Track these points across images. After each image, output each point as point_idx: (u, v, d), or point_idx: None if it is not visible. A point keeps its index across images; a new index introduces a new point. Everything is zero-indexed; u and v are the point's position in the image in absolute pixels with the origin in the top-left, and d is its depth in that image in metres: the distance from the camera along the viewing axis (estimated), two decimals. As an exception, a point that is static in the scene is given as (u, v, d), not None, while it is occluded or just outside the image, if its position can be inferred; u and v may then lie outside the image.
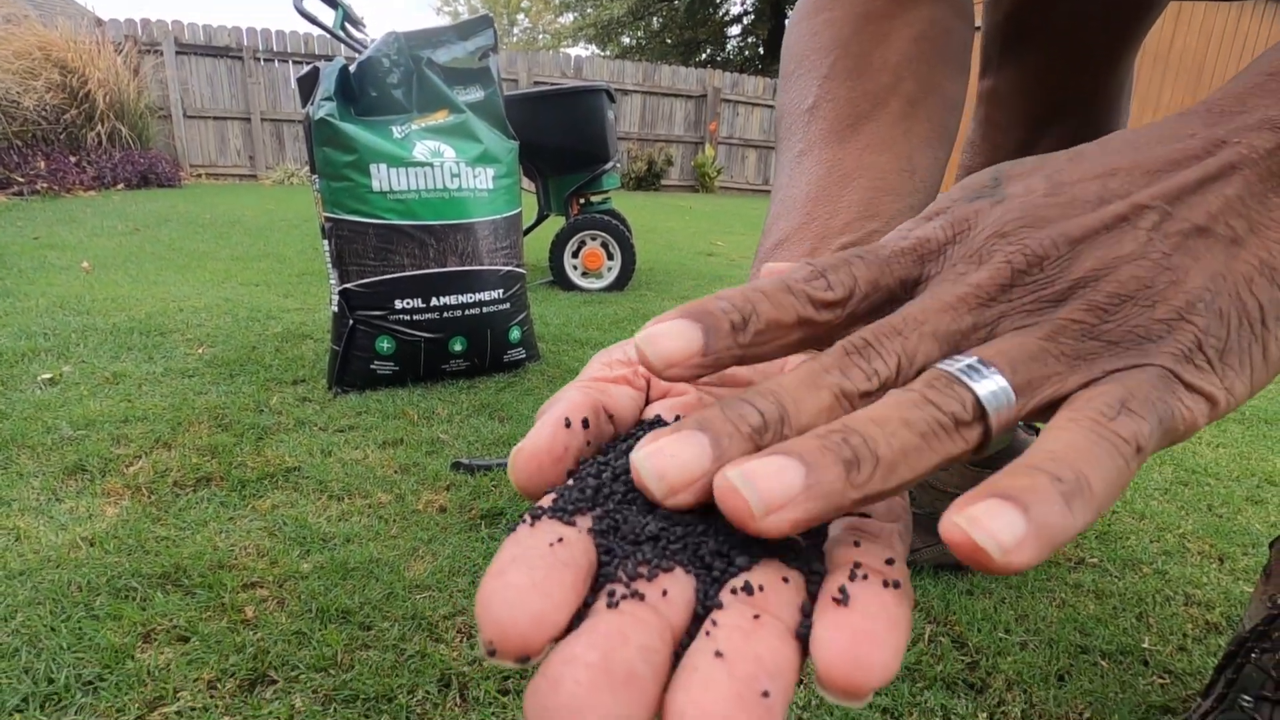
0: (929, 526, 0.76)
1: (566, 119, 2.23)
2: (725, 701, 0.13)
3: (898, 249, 0.22)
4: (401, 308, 1.23)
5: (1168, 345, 0.19)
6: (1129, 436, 0.17)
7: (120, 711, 0.52)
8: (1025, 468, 0.16)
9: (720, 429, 0.18)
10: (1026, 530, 0.15)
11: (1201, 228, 0.20)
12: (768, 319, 0.20)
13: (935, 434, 0.17)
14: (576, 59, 8.15)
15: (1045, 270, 0.20)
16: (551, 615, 0.14)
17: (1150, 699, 0.60)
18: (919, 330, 0.20)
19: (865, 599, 0.16)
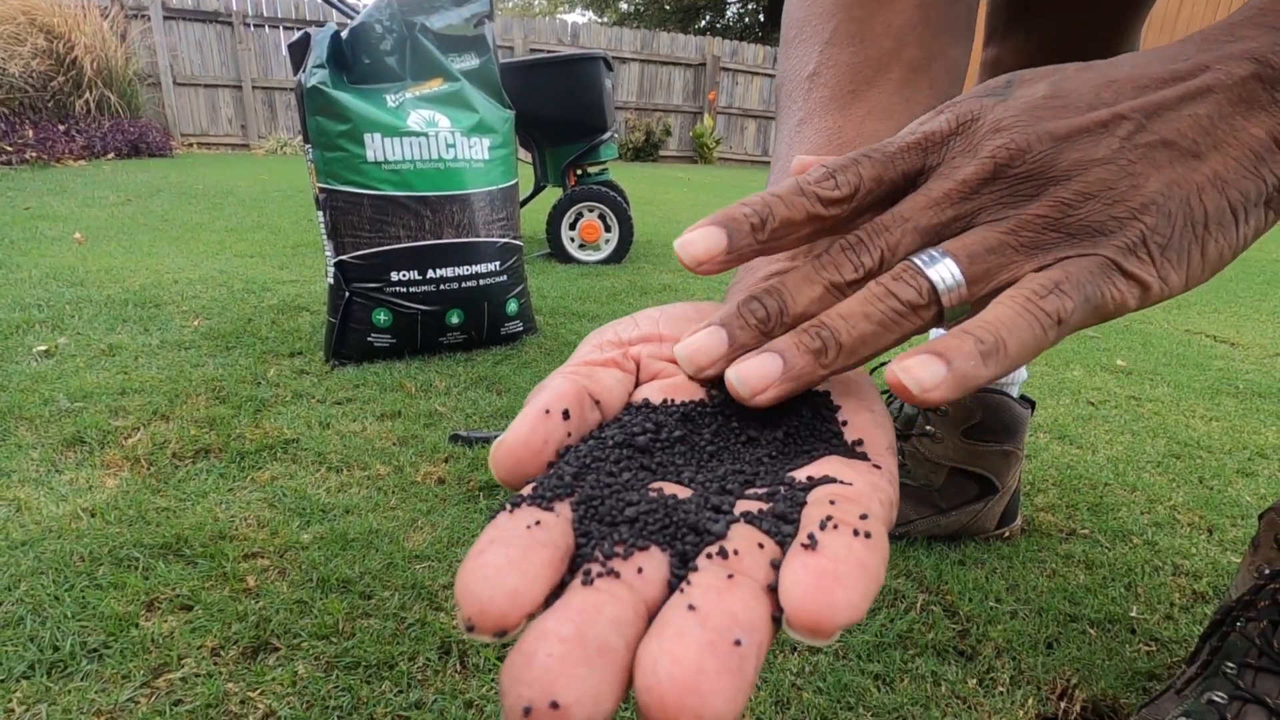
0: (923, 498, 0.76)
1: (563, 88, 2.20)
2: (697, 649, 0.14)
3: (904, 144, 0.25)
4: (398, 280, 1.23)
5: (1116, 239, 0.22)
6: (1051, 311, 0.21)
7: (126, 678, 0.53)
8: (959, 331, 0.21)
9: (734, 323, 0.24)
10: (945, 376, 0.20)
11: (1168, 140, 0.23)
12: (782, 218, 0.24)
13: (894, 320, 0.22)
14: (573, 26, 7.99)
15: (1026, 164, 0.23)
16: (527, 592, 0.15)
17: (1136, 665, 0.61)
18: (903, 226, 0.24)
19: (833, 544, 0.16)
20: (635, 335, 0.26)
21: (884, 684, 0.57)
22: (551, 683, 0.13)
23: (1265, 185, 0.23)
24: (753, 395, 0.22)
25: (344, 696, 0.53)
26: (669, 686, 0.13)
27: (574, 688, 0.13)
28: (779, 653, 0.60)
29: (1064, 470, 0.98)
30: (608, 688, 0.14)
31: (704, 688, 0.13)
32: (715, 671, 0.14)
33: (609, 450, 0.21)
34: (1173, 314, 2.07)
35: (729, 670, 0.14)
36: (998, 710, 0.55)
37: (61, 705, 0.51)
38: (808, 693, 0.56)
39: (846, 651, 0.60)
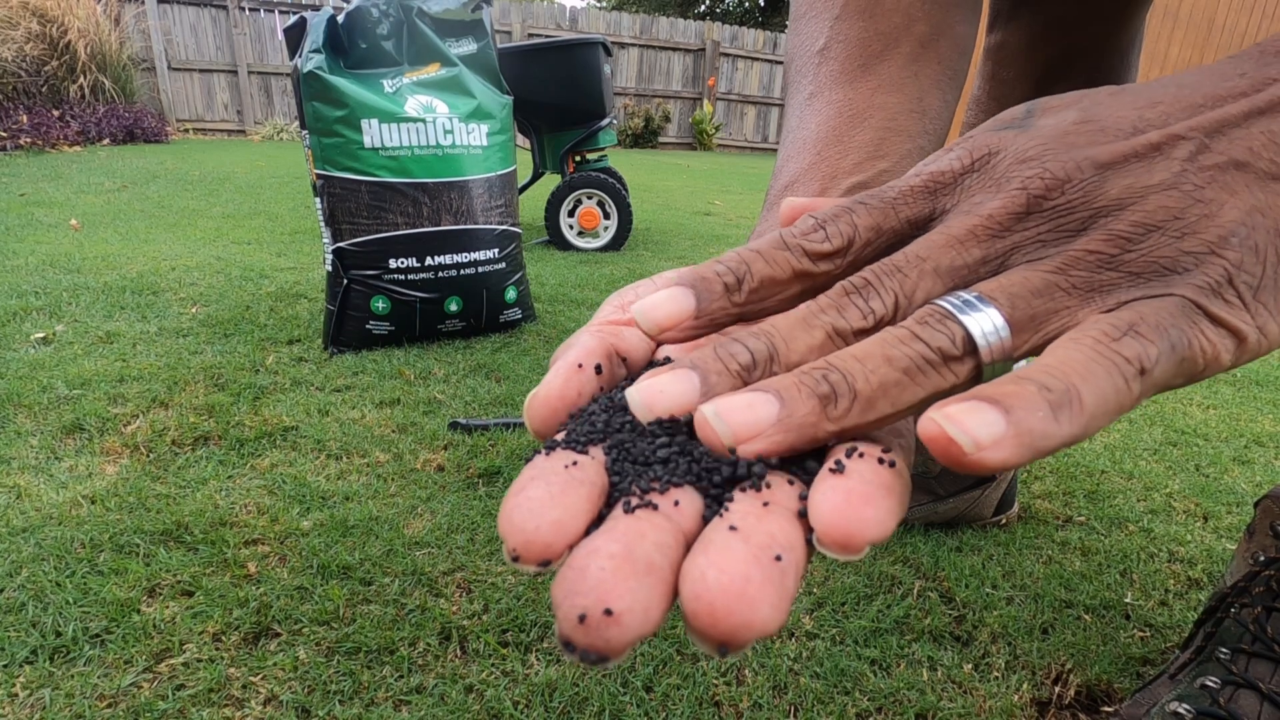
0: (920, 485, 0.77)
1: (562, 73, 2.18)
2: (742, 562, 0.14)
3: (906, 188, 0.22)
4: (396, 267, 1.22)
5: (1194, 277, 0.18)
6: (1132, 357, 0.17)
7: (128, 663, 0.54)
8: (1015, 377, 0.16)
9: (709, 367, 0.19)
10: (1005, 431, 0.15)
11: (1240, 161, 0.19)
12: (761, 277, 0.20)
13: (920, 369, 0.17)
14: (572, 10, 7.92)
15: (1066, 195, 0.19)
16: (569, 523, 0.15)
17: (1130, 651, 0.62)
18: (920, 267, 0.19)
19: (859, 467, 0.16)
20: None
21: (880, 669, 0.58)
22: (605, 593, 0.14)
23: None
24: (736, 443, 0.17)
25: (345, 681, 0.53)
26: (718, 593, 0.14)
27: (625, 598, 0.14)
28: (777, 639, 0.60)
29: (1061, 458, 0.98)
30: (657, 599, 0.14)
31: (752, 595, 0.14)
32: (761, 581, 0.14)
33: None
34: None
35: (772, 581, 0.14)
36: (993, 695, 0.56)
37: (65, 690, 0.51)
38: (805, 677, 0.56)
39: (843, 637, 0.61)
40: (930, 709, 0.54)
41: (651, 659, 0.57)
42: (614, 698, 0.53)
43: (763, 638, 0.14)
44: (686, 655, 0.58)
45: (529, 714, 0.52)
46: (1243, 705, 0.46)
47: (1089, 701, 0.57)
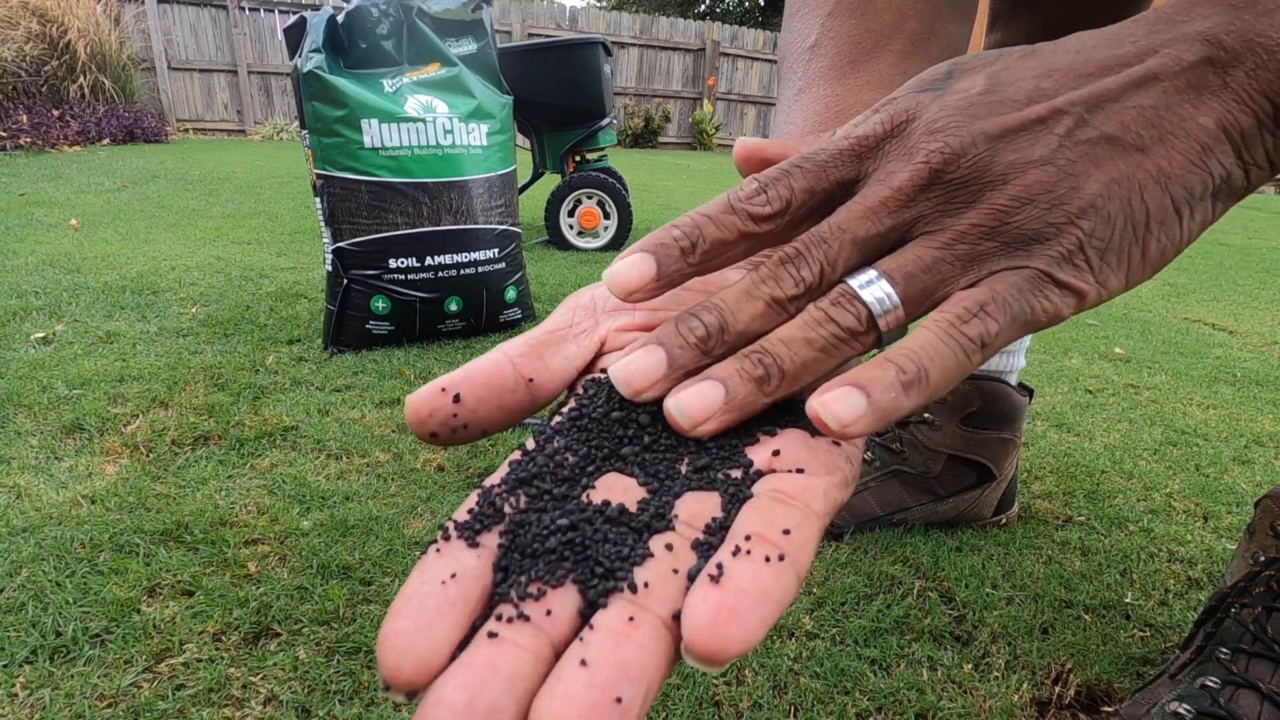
0: (921, 485, 0.77)
1: (561, 73, 2.18)
2: (578, 709, 0.15)
3: (835, 151, 0.24)
4: (396, 267, 1.22)
5: (1051, 247, 0.21)
6: (974, 336, 0.21)
7: (128, 663, 0.54)
8: (882, 360, 0.20)
9: (672, 342, 0.22)
10: (865, 409, 0.19)
11: (1111, 136, 0.21)
12: (712, 240, 0.23)
13: (834, 345, 0.22)
14: (572, 10, 7.92)
15: (962, 168, 0.22)
16: (432, 659, 0.16)
17: (1130, 651, 0.62)
18: (840, 238, 0.23)
19: (738, 574, 0.17)
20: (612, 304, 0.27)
21: (880, 669, 0.58)
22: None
23: (1211, 178, 0.22)
24: (693, 426, 0.21)
25: (345, 681, 0.53)
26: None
27: None
28: (777, 638, 0.60)
29: (1061, 458, 0.98)
30: None
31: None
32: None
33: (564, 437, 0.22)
34: (1171, 302, 2.07)
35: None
36: (993, 695, 0.56)
37: (64, 690, 0.51)
38: (805, 677, 0.56)
39: (843, 637, 0.61)
40: (930, 709, 0.54)
41: (651, 659, 0.57)
42: (614, 698, 0.53)
43: None
44: (686, 655, 0.58)
45: (529, 714, 0.52)
46: (1243, 705, 0.46)
47: (1089, 701, 0.57)
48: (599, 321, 0.26)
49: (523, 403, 0.23)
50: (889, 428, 0.77)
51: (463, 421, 0.22)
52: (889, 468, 0.77)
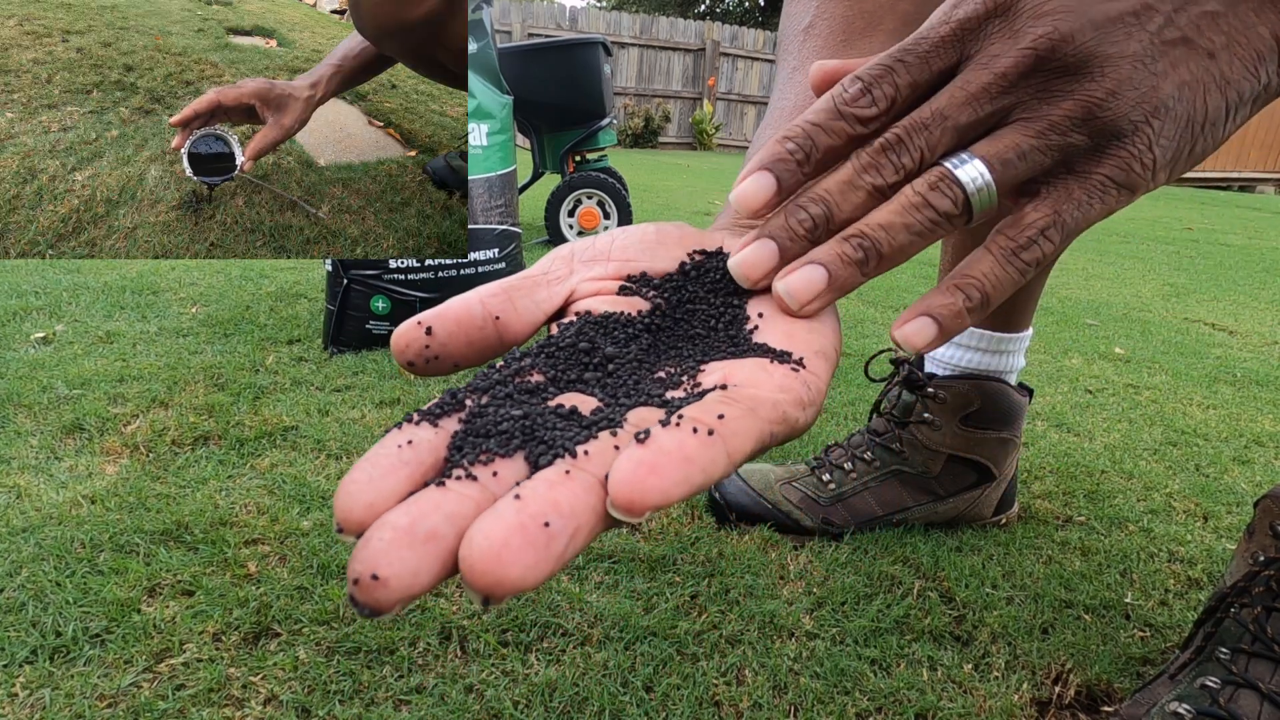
0: (921, 485, 0.77)
1: (561, 73, 2.18)
2: (506, 528, 0.16)
3: (936, 39, 0.25)
4: (396, 267, 1.22)
5: (1125, 146, 0.23)
6: (1032, 261, 0.23)
7: (128, 663, 0.54)
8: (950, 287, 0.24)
9: (782, 235, 0.25)
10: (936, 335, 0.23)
11: (1189, 39, 0.23)
12: (825, 148, 0.25)
13: (930, 229, 0.24)
14: (572, 10, 7.92)
15: (1066, 53, 0.23)
16: (380, 504, 0.17)
17: (1130, 651, 0.62)
18: (942, 125, 0.24)
19: (664, 438, 0.18)
20: (588, 255, 0.28)
21: (880, 669, 0.58)
22: (376, 562, 0.16)
23: (1258, 84, 0.23)
24: (800, 307, 0.24)
25: (345, 681, 0.53)
26: (478, 556, 0.16)
27: (395, 565, 0.16)
28: (776, 638, 0.60)
29: (1061, 458, 0.98)
30: (427, 566, 0.16)
31: (506, 558, 0.16)
32: (519, 546, 0.16)
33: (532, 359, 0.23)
34: (1171, 302, 2.07)
35: (532, 546, 0.16)
36: (993, 695, 0.56)
37: (64, 690, 0.51)
38: (805, 677, 0.56)
39: (843, 637, 0.61)
40: (930, 709, 0.54)
41: (651, 659, 0.57)
42: (614, 698, 0.53)
43: (520, 593, 0.16)
44: (686, 655, 0.58)
45: (529, 714, 0.52)
46: (1243, 705, 0.46)
47: (1089, 701, 0.57)
48: (574, 270, 0.27)
49: (489, 339, 0.24)
50: (889, 427, 0.78)
51: (434, 353, 0.24)
52: (889, 468, 0.77)
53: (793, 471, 0.79)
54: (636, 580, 0.66)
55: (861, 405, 1.11)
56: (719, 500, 0.77)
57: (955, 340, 0.76)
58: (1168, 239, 3.49)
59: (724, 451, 0.19)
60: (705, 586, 0.66)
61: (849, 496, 0.76)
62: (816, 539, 0.75)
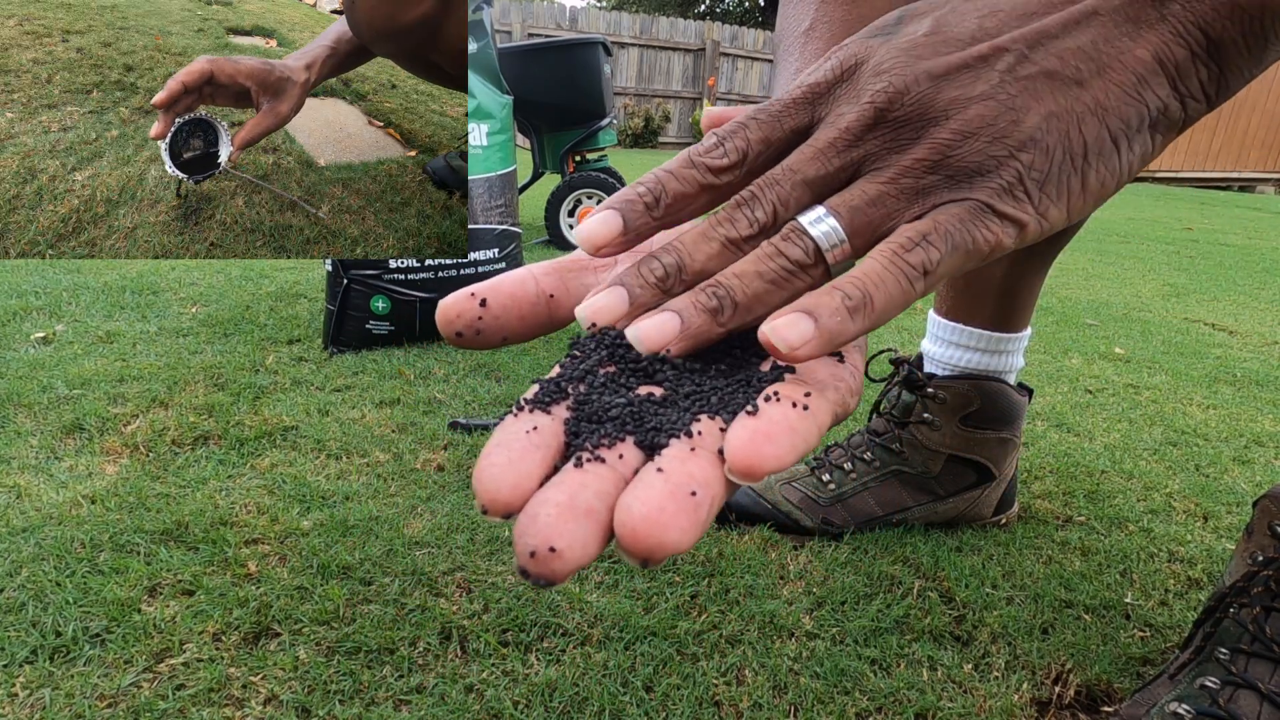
0: (921, 485, 0.77)
1: (562, 73, 2.18)
2: (660, 496, 0.18)
3: (789, 100, 0.25)
4: (396, 267, 1.22)
5: (992, 180, 0.22)
6: (917, 264, 0.22)
7: (128, 663, 0.54)
8: (828, 288, 0.22)
9: (633, 282, 0.24)
10: (813, 334, 0.21)
11: (1050, 71, 0.22)
12: (675, 194, 0.25)
13: (784, 278, 0.23)
14: (572, 10, 7.92)
15: (905, 106, 0.23)
16: (525, 484, 0.19)
17: (1130, 651, 0.62)
18: (792, 179, 0.24)
19: (770, 410, 0.20)
20: None
21: (880, 669, 0.58)
22: (550, 535, 0.17)
23: (1148, 109, 0.22)
24: (650, 353, 0.23)
25: (345, 681, 0.53)
26: (639, 521, 0.17)
27: (566, 537, 0.17)
28: (776, 638, 0.60)
29: (1061, 458, 0.98)
30: (592, 537, 0.17)
31: (665, 522, 0.17)
32: (674, 511, 0.17)
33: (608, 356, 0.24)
34: (1171, 302, 2.08)
35: (685, 511, 0.17)
36: (993, 695, 0.56)
37: (65, 690, 0.51)
38: (805, 677, 0.56)
39: (843, 637, 0.61)
40: (930, 709, 0.54)
41: (651, 659, 0.57)
42: (614, 698, 0.53)
43: (675, 554, 0.17)
44: (686, 655, 0.58)
45: (529, 714, 0.52)
46: (1242, 705, 0.46)
47: (1089, 701, 0.57)
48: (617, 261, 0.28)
49: (541, 317, 0.25)
50: (888, 427, 0.78)
51: (486, 325, 0.24)
52: (889, 468, 0.77)
53: (792, 472, 0.79)
54: (636, 580, 0.66)
55: (861, 405, 1.11)
56: (719, 500, 0.77)
57: (954, 340, 0.76)
58: (1168, 239, 3.49)
59: (815, 424, 0.20)
60: (705, 586, 0.66)
61: (849, 496, 0.76)
62: (816, 539, 0.75)
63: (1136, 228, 3.89)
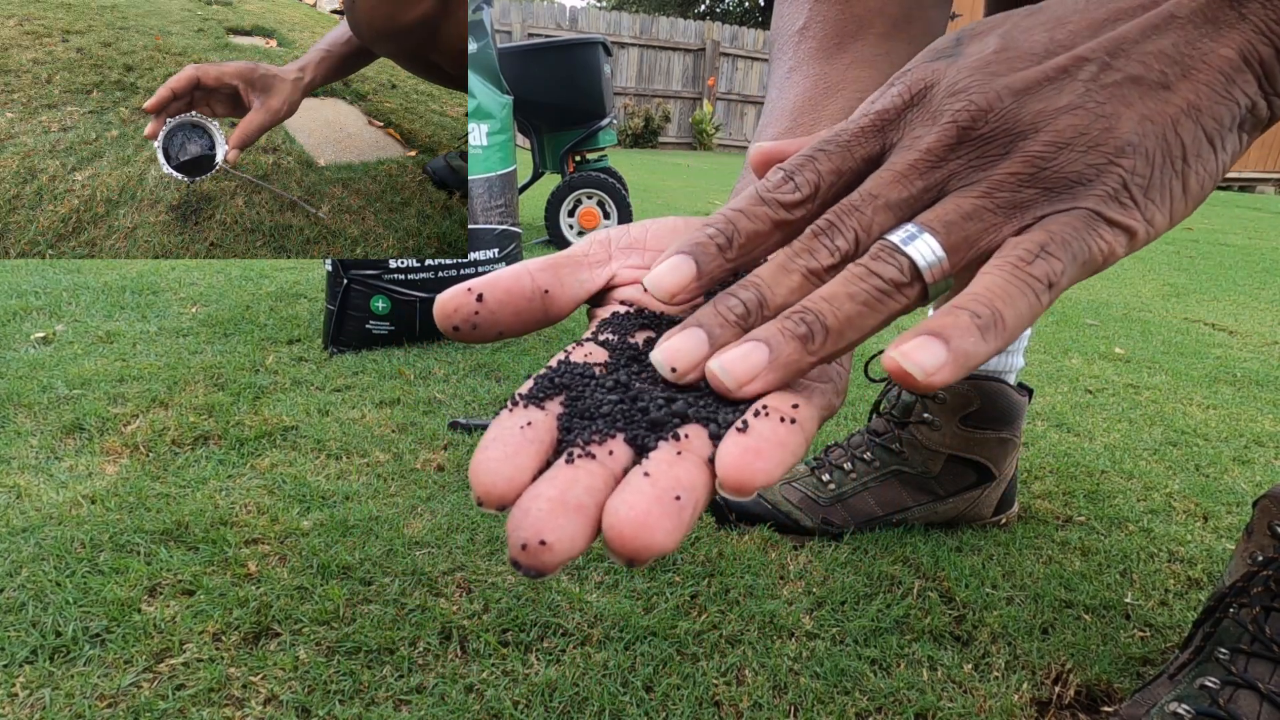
0: (921, 485, 0.77)
1: (562, 73, 2.18)
2: (647, 500, 0.18)
3: (858, 130, 0.25)
4: (396, 267, 1.22)
5: (1096, 188, 0.21)
6: (1041, 275, 0.21)
7: (128, 663, 0.54)
8: (952, 308, 0.20)
9: (712, 323, 0.23)
10: (947, 357, 0.19)
11: (1136, 77, 0.22)
12: (748, 233, 0.24)
13: (878, 299, 0.21)
14: (572, 10, 7.92)
15: (990, 123, 0.22)
16: (518, 478, 0.19)
17: (1130, 651, 0.62)
18: (873, 204, 0.23)
19: (759, 426, 0.20)
20: (624, 242, 0.29)
21: (880, 669, 0.58)
22: (540, 528, 0.18)
23: (1238, 107, 0.22)
24: (739, 387, 0.21)
25: (345, 681, 0.53)
26: (626, 524, 0.18)
27: (556, 531, 0.18)
28: (776, 638, 0.60)
29: (1061, 458, 0.98)
30: (581, 531, 0.18)
31: (651, 525, 0.18)
32: (659, 515, 0.18)
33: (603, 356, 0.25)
34: (1171, 302, 2.07)
35: (669, 515, 0.18)
36: (993, 695, 0.56)
37: (65, 690, 0.51)
38: (805, 677, 0.56)
39: (843, 637, 0.61)
40: (930, 709, 0.54)
41: (651, 659, 0.57)
42: (614, 698, 0.53)
43: (660, 556, 0.18)
44: (686, 655, 0.58)
45: (529, 714, 0.52)
46: (1242, 705, 0.46)
47: (1089, 701, 0.57)
48: (613, 256, 0.28)
49: (536, 312, 0.25)
50: (888, 428, 0.78)
51: (482, 319, 0.24)
52: (889, 468, 0.77)
53: (793, 472, 0.79)
54: (636, 580, 0.66)
55: (861, 405, 1.11)
56: (719, 500, 0.77)
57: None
58: (1168, 239, 3.49)
59: (803, 437, 0.20)
60: (705, 586, 0.66)
61: (849, 496, 0.76)
62: (816, 539, 0.75)
63: (1136, 228, 3.88)
